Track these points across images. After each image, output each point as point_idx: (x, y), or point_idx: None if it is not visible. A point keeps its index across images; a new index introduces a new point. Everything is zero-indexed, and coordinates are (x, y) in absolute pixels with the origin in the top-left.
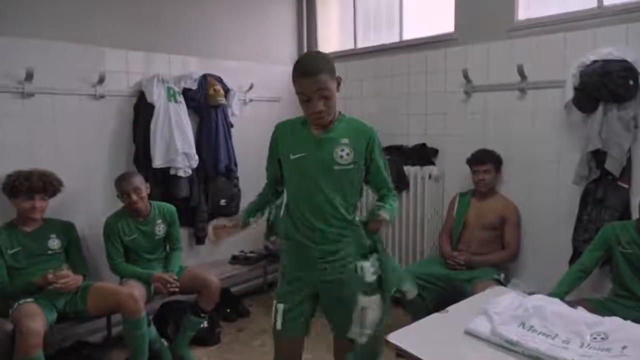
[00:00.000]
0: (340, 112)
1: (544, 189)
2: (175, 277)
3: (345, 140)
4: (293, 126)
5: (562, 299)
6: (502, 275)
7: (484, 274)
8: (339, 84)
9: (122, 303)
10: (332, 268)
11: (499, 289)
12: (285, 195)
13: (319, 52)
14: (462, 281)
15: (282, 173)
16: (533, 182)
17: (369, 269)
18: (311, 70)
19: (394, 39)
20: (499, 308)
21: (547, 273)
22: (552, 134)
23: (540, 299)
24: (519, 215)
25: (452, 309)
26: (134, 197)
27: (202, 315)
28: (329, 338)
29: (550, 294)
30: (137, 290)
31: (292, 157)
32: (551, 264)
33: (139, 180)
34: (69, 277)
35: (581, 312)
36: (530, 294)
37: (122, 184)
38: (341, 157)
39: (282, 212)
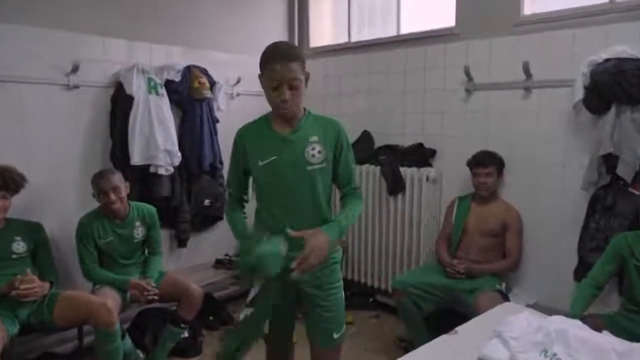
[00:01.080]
0: (305, 109)
1: (548, 193)
2: (154, 285)
3: (315, 138)
4: (257, 129)
5: (582, 320)
6: (504, 285)
7: (485, 284)
8: (307, 80)
9: (94, 314)
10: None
11: (508, 305)
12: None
13: (290, 43)
14: (463, 291)
15: (251, 181)
16: (537, 186)
17: None
18: (286, 55)
19: (391, 32)
20: (515, 331)
21: (550, 283)
22: (558, 135)
23: (560, 321)
24: (521, 221)
25: (461, 329)
26: (113, 196)
27: (183, 325)
28: None
29: (568, 315)
30: (110, 299)
31: (260, 163)
32: (555, 274)
33: (118, 179)
34: (34, 283)
35: (607, 337)
36: (530, 305)
37: (99, 182)
38: (313, 156)
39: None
